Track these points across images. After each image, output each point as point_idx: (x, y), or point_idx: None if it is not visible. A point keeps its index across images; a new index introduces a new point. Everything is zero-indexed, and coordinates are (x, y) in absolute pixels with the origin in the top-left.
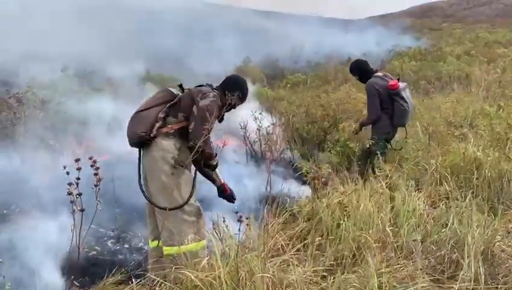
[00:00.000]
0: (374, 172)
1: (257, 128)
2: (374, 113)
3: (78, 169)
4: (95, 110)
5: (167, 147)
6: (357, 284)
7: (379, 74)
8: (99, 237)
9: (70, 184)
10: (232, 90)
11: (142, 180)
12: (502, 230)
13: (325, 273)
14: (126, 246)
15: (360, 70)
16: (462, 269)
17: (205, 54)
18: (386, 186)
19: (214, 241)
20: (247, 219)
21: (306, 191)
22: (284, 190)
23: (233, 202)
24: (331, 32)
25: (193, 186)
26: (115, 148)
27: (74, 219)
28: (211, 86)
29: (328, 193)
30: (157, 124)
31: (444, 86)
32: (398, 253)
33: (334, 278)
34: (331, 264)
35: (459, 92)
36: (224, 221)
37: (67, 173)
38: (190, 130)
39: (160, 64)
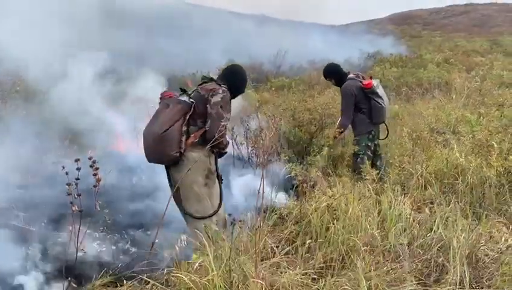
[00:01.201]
0: (359, 174)
1: (244, 131)
2: (348, 117)
3: (78, 169)
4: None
5: (198, 158)
6: (347, 287)
7: (351, 75)
8: (86, 238)
9: (69, 184)
10: (236, 83)
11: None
12: (485, 235)
13: (315, 276)
14: (113, 247)
15: (335, 74)
16: (447, 273)
17: (189, 56)
18: (373, 191)
19: (206, 244)
20: (240, 221)
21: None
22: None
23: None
24: (313, 37)
25: (221, 196)
26: (101, 148)
27: (73, 220)
28: (212, 79)
29: (316, 196)
30: (183, 139)
31: (424, 93)
32: (386, 256)
33: (325, 280)
34: (320, 267)
35: (439, 99)
36: (216, 224)
37: (67, 173)
38: (207, 128)
39: (143, 64)
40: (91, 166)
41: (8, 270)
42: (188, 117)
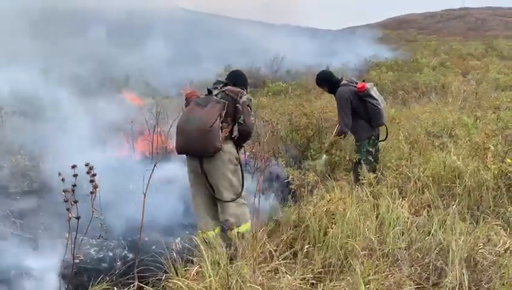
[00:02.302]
0: (358, 180)
1: None
2: (347, 123)
3: (75, 176)
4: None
5: (231, 149)
6: None
7: (344, 81)
8: (82, 244)
9: (65, 191)
10: (245, 84)
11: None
12: (483, 238)
13: (314, 281)
14: (110, 254)
15: (328, 81)
16: (446, 276)
17: (187, 61)
18: (371, 195)
19: (203, 250)
20: (237, 227)
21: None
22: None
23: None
24: (310, 42)
25: (243, 176)
26: (95, 156)
27: (69, 227)
28: (226, 83)
29: (314, 200)
30: (221, 134)
31: (420, 96)
32: (385, 260)
33: (323, 285)
34: (319, 271)
35: (436, 102)
36: (214, 230)
37: (63, 180)
38: (241, 122)
39: (141, 71)
40: (88, 172)
41: (5, 276)
42: (223, 115)
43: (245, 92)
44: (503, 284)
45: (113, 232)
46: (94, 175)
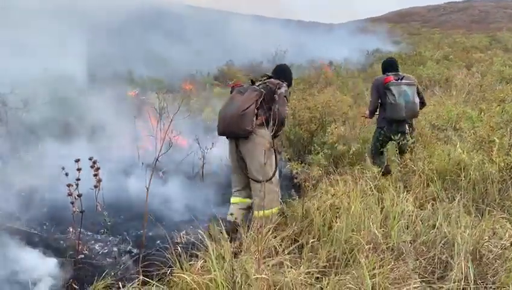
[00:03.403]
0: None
1: None
2: (370, 108)
3: (79, 170)
4: (78, 113)
5: (264, 134)
6: (352, 286)
7: (391, 73)
8: (87, 240)
9: (69, 185)
10: (287, 78)
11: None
12: (489, 231)
13: (319, 275)
14: (114, 249)
15: (383, 67)
16: (451, 270)
17: (189, 57)
18: (375, 188)
19: (209, 245)
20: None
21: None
22: None
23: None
24: (312, 36)
25: (276, 164)
26: (99, 150)
27: (74, 221)
28: (270, 76)
29: (318, 194)
30: (254, 118)
31: (424, 89)
32: (390, 254)
33: (329, 279)
34: (324, 265)
35: (440, 96)
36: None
37: (66, 175)
38: (277, 111)
39: (142, 66)
40: (92, 166)
41: (10, 271)
42: (259, 102)
43: (284, 85)
44: (509, 277)
45: (118, 227)
46: (98, 169)
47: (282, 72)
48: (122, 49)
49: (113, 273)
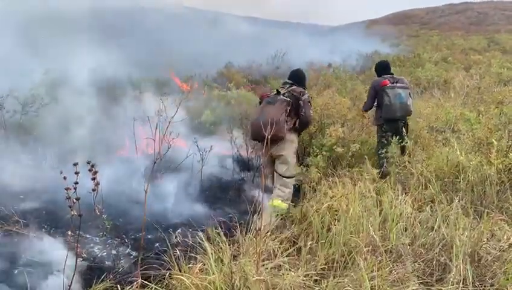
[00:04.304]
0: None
1: (243, 133)
2: (366, 105)
3: (76, 173)
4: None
5: (294, 139)
6: (350, 288)
7: (387, 75)
8: (86, 243)
9: (67, 189)
10: (302, 81)
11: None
12: (487, 233)
13: (317, 278)
14: (114, 252)
15: (377, 70)
16: (450, 272)
17: (188, 59)
18: (374, 191)
19: (207, 247)
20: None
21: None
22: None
23: None
24: (312, 38)
25: (299, 164)
26: (99, 154)
27: (72, 224)
28: (291, 83)
29: (316, 196)
30: (286, 126)
31: (423, 91)
32: (388, 256)
33: (327, 282)
34: (322, 268)
35: (438, 97)
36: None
37: (65, 178)
38: (303, 114)
39: (141, 68)
40: (90, 170)
41: (8, 275)
42: (287, 111)
43: (306, 91)
44: (508, 279)
45: (117, 230)
46: (96, 172)
47: (297, 77)
48: (121, 51)
49: (112, 276)
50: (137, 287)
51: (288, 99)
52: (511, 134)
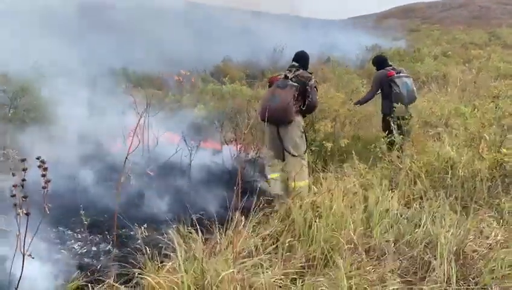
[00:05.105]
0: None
1: (233, 128)
2: (368, 95)
3: (24, 170)
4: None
5: (300, 121)
6: (326, 289)
7: (388, 68)
8: (66, 239)
9: (14, 186)
10: (306, 63)
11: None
12: (474, 230)
13: (296, 276)
14: (94, 248)
15: (377, 63)
16: (434, 270)
17: (185, 52)
18: (361, 186)
19: (177, 246)
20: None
21: None
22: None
23: None
24: (311, 33)
25: (306, 145)
26: (86, 148)
27: (18, 224)
28: (297, 67)
29: (301, 192)
30: (294, 109)
31: (421, 86)
32: (371, 254)
33: (303, 281)
34: (302, 266)
35: (435, 92)
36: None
37: (13, 175)
38: (309, 100)
39: (137, 61)
40: (39, 166)
41: None
42: (296, 96)
43: (312, 76)
44: (493, 278)
45: (101, 226)
46: (46, 169)
47: (303, 59)
48: (116, 44)
49: (89, 273)
50: (108, 287)
51: (297, 84)
52: (504, 129)
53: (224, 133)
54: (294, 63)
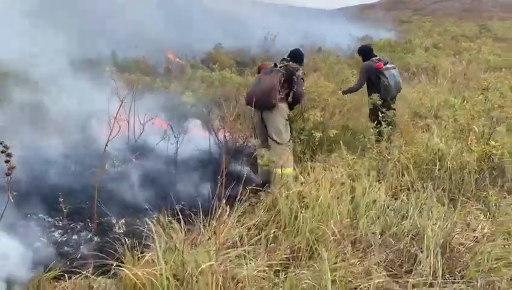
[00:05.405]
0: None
1: (221, 116)
2: (356, 86)
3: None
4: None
5: (284, 108)
6: (309, 281)
7: (374, 59)
8: (47, 227)
9: None
10: (299, 59)
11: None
12: (461, 223)
13: (280, 268)
14: (75, 237)
15: (363, 53)
16: (420, 263)
17: (177, 39)
18: (348, 176)
19: (156, 238)
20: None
21: None
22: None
23: None
24: (303, 22)
25: (291, 131)
26: (71, 134)
27: None
28: (288, 60)
29: (287, 181)
30: (278, 95)
31: (411, 77)
32: (357, 246)
33: (286, 273)
34: (287, 257)
35: (425, 83)
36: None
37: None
38: (295, 91)
39: (127, 47)
40: (2, 152)
41: None
42: (281, 82)
43: (300, 68)
44: (479, 271)
45: (83, 213)
46: (9, 155)
47: (295, 55)
48: (105, 29)
49: (67, 263)
50: (86, 277)
51: (283, 71)
52: (493, 121)
53: (212, 120)
54: (286, 58)
